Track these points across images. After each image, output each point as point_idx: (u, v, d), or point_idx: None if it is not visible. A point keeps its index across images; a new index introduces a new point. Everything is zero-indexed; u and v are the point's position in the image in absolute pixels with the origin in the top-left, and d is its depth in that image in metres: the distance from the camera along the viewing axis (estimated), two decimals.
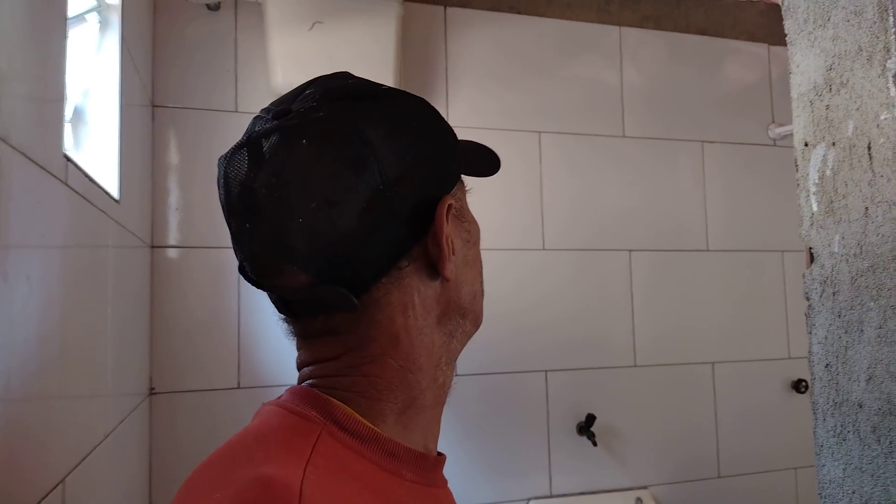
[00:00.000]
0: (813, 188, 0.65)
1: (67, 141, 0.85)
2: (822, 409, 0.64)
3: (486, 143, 0.60)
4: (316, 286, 0.44)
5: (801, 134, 0.67)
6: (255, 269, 0.47)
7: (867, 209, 0.58)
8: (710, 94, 1.94)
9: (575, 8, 1.83)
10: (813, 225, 0.65)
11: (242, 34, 1.55)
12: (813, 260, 0.65)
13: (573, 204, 1.78)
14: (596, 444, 1.65)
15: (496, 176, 0.61)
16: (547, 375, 1.70)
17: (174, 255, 1.47)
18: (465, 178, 0.56)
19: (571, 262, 1.76)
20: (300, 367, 0.50)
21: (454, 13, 1.73)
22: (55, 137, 0.75)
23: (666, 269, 1.84)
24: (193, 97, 1.50)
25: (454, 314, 0.51)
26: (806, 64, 0.66)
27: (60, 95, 0.79)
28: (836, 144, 0.62)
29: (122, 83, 1.12)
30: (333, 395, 0.46)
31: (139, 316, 1.31)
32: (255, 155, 0.44)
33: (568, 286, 1.75)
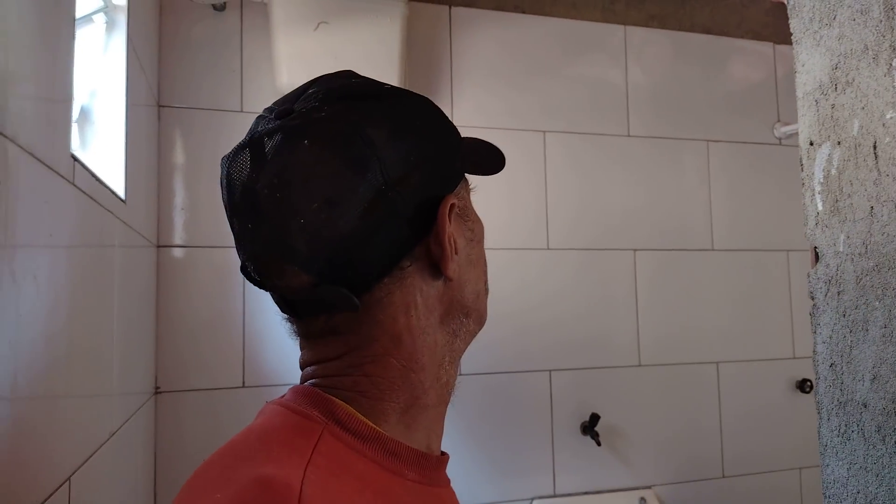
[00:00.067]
0: (818, 187, 0.65)
1: (74, 141, 0.86)
2: (826, 408, 0.64)
3: (490, 142, 0.59)
4: (317, 286, 0.44)
5: (806, 133, 0.67)
6: (257, 269, 0.46)
7: (872, 208, 0.57)
8: (715, 93, 1.93)
9: (580, 7, 1.83)
10: (818, 224, 0.65)
11: (248, 34, 1.56)
12: (818, 259, 0.65)
13: (578, 203, 1.78)
14: (600, 443, 1.65)
15: (501, 175, 0.60)
16: (551, 375, 1.70)
17: (180, 254, 1.47)
18: (469, 176, 0.56)
19: (576, 261, 1.76)
20: (303, 366, 0.50)
21: (459, 13, 1.73)
22: (63, 137, 0.75)
23: (671, 268, 1.83)
24: (199, 97, 1.51)
25: (457, 313, 0.51)
26: (811, 63, 0.66)
27: (68, 96, 0.79)
28: (841, 143, 0.62)
29: (128, 83, 1.13)
30: (335, 394, 0.46)
31: (145, 315, 1.32)
32: (257, 155, 0.44)
33: (572, 286, 1.75)
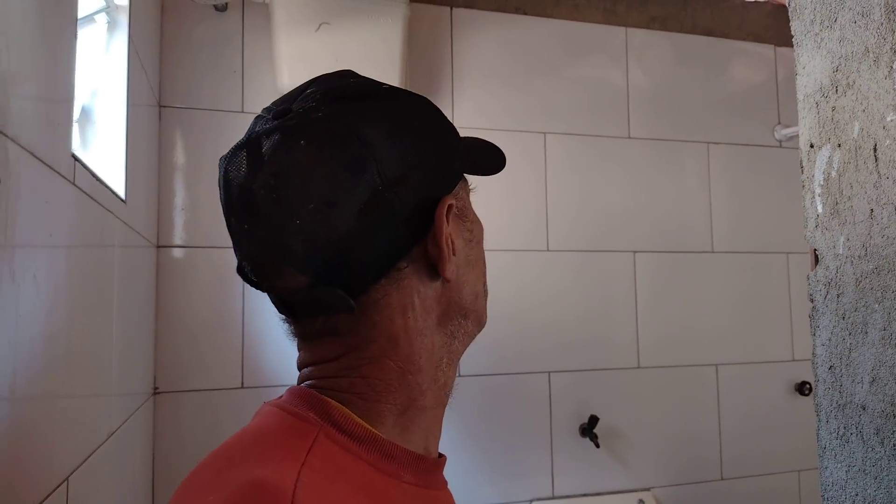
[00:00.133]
0: (818, 189, 0.65)
1: (75, 141, 0.86)
2: (825, 411, 0.64)
3: (490, 141, 0.58)
4: (314, 287, 0.44)
5: (806, 135, 0.67)
6: (253, 269, 0.46)
7: (872, 211, 0.57)
8: (715, 95, 1.93)
9: (581, 9, 1.83)
10: (818, 226, 0.65)
11: (249, 35, 1.56)
12: (817, 261, 0.65)
13: (578, 205, 1.78)
14: (599, 445, 1.65)
15: (501, 176, 0.60)
16: (550, 377, 1.70)
17: (180, 254, 1.47)
18: (469, 176, 0.55)
19: (576, 263, 1.76)
20: (300, 367, 0.50)
21: (460, 14, 1.73)
22: (64, 137, 0.75)
23: (670, 270, 1.83)
24: (200, 97, 1.51)
25: (455, 315, 0.51)
26: (812, 65, 0.66)
27: (69, 96, 0.79)
28: (841, 146, 0.62)
29: (129, 83, 1.13)
30: (332, 396, 0.46)
31: (144, 315, 1.32)
32: (254, 155, 0.43)
33: (572, 287, 1.75)
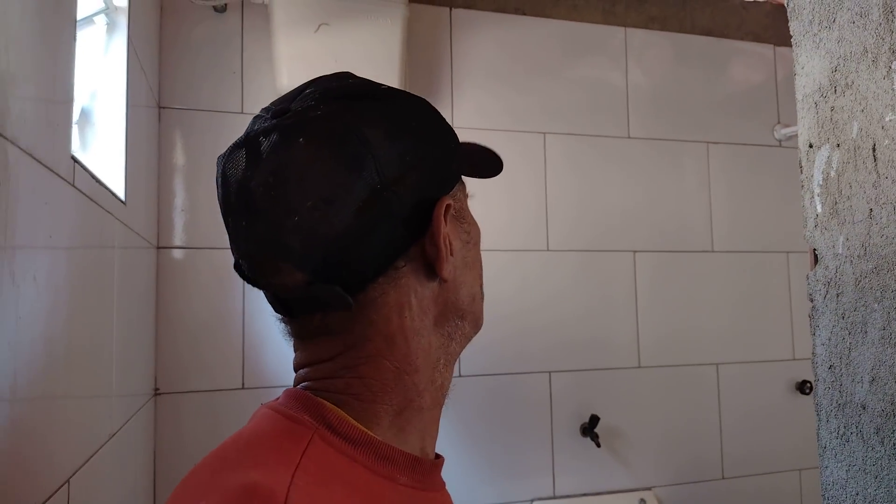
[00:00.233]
0: (817, 189, 0.65)
1: (74, 142, 0.86)
2: (825, 410, 0.64)
3: (490, 143, 0.59)
4: (311, 285, 0.44)
5: (805, 135, 0.67)
6: (251, 267, 0.46)
7: (871, 210, 0.57)
8: (715, 94, 1.93)
9: (580, 9, 1.83)
10: (817, 226, 0.65)
11: (249, 36, 1.56)
12: (817, 261, 0.65)
13: (577, 205, 1.78)
14: (599, 445, 1.65)
15: (501, 177, 0.60)
16: (551, 376, 1.70)
17: (180, 255, 1.47)
18: (469, 181, 0.56)
19: (575, 263, 1.76)
20: (296, 368, 0.50)
21: (459, 14, 1.73)
22: (63, 139, 0.75)
23: (670, 270, 1.83)
24: (199, 99, 1.51)
25: (452, 316, 0.51)
26: (811, 65, 0.66)
27: (69, 97, 0.79)
28: (840, 146, 0.62)
29: (128, 85, 1.13)
30: (327, 397, 0.46)
31: (144, 316, 1.32)
32: (252, 153, 0.44)
33: (572, 287, 1.75)
